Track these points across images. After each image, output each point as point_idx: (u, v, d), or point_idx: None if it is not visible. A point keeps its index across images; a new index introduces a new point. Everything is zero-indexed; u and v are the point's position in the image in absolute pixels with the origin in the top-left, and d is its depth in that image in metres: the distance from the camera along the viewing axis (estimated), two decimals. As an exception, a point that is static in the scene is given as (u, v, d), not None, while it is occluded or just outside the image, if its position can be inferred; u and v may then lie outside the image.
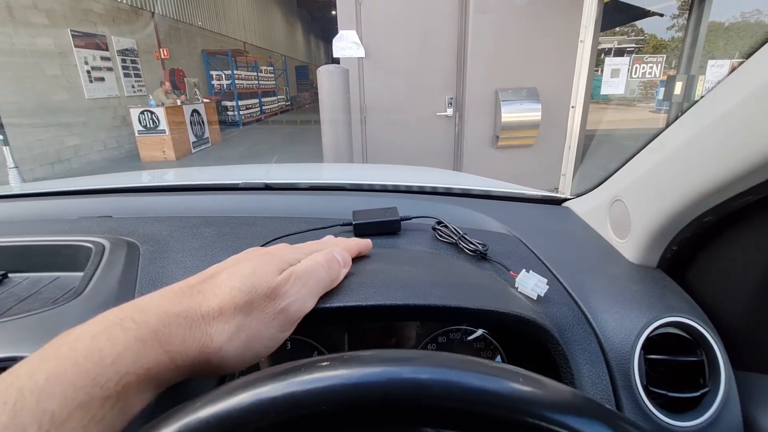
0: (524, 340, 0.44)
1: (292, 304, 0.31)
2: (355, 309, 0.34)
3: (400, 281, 0.38)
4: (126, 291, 0.44)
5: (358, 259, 0.44)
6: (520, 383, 0.20)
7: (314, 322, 0.33)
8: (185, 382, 0.32)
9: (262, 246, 0.51)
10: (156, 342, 0.25)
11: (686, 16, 4.35)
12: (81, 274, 0.47)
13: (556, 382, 0.22)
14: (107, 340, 0.23)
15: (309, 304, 0.33)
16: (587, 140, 4.02)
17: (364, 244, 0.45)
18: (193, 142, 8.12)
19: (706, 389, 0.41)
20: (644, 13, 6.17)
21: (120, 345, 0.23)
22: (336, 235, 0.57)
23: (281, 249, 0.37)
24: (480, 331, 0.49)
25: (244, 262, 0.33)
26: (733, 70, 0.38)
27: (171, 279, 0.47)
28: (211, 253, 0.52)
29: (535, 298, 0.45)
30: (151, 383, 0.24)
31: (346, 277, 0.38)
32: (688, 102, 3.89)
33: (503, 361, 0.50)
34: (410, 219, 0.59)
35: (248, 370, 0.47)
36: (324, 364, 0.21)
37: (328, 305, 0.34)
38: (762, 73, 0.33)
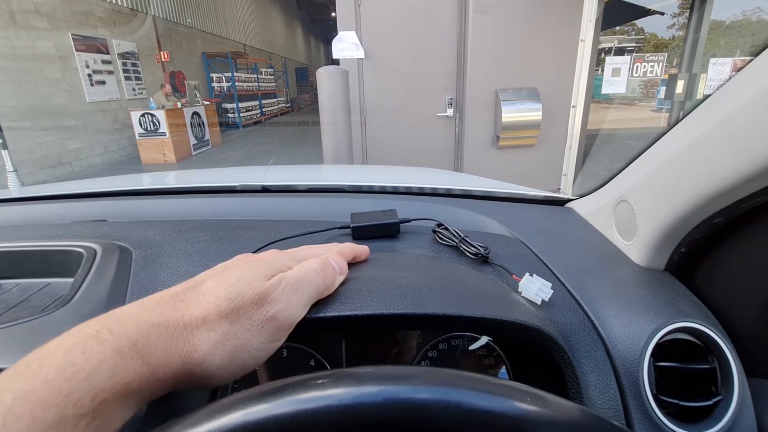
0: (529, 346, 0.43)
1: (281, 311, 0.29)
2: (351, 318, 0.33)
3: (398, 288, 0.37)
4: (116, 298, 0.43)
5: (354, 264, 0.43)
6: (527, 403, 0.19)
7: (307, 331, 0.31)
8: (178, 395, 0.31)
9: (255, 251, 0.49)
10: (135, 354, 0.23)
11: (687, 14, 4.34)
12: (72, 280, 0.46)
13: (564, 400, 0.20)
14: (81, 353, 0.22)
15: (300, 311, 0.31)
16: (589, 140, 4.00)
17: (360, 249, 0.43)
18: (193, 145, 8.12)
19: (719, 398, 0.39)
20: (645, 12, 6.15)
21: (95, 358, 0.22)
22: (334, 239, 0.56)
23: (272, 255, 0.35)
24: (485, 339, 0.48)
25: (231, 269, 0.31)
26: (736, 68, 0.36)
27: (163, 285, 0.46)
28: (205, 258, 0.50)
29: (539, 303, 0.43)
30: (130, 398, 0.23)
31: (341, 284, 0.37)
32: (690, 101, 3.87)
33: (507, 369, 0.48)
34: (410, 221, 0.58)
35: (245, 380, 0.45)
36: (318, 382, 0.20)
37: (322, 314, 0.33)
38: None
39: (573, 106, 3.43)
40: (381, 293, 0.36)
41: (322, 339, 0.47)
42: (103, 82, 7.55)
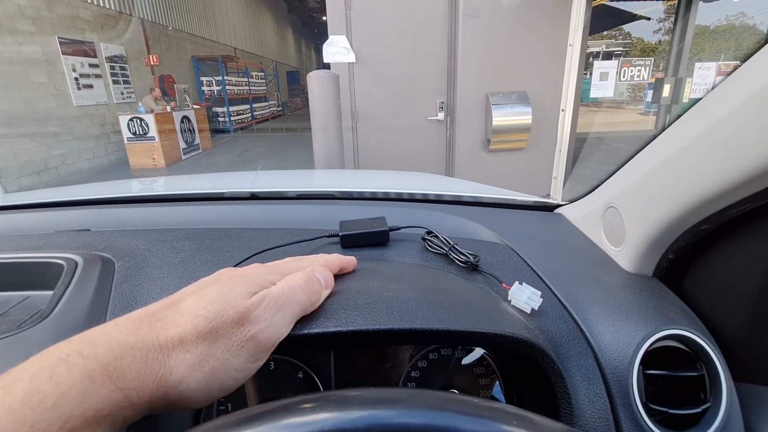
0: (520, 357, 0.42)
1: (263, 330, 0.28)
2: (335, 335, 0.32)
3: (385, 302, 0.36)
4: (97, 312, 0.42)
5: (341, 275, 0.42)
6: (513, 426, 0.18)
7: (290, 348, 0.31)
8: (159, 417, 0.30)
9: (239, 264, 0.48)
10: (107, 378, 0.22)
11: (672, 19, 4.42)
12: (52, 293, 0.45)
13: (552, 422, 0.20)
14: (49, 379, 0.21)
15: (284, 330, 0.30)
16: (578, 143, 4.05)
17: (347, 260, 0.42)
18: (183, 149, 8.04)
19: (708, 405, 0.39)
20: (631, 17, 6.26)
21: (63, 384, 0.21)
22: (322, 247, 0.55)
23: (255, 269, 0.34)
24: (480, 352, 0.47)
25: (211, 285, 0.30)
26: (720, 71, 0.36)
27: (146, 297, 0.45)
28: (190, 269, 0.49)
29: (528, 312, 0.43)
30: (102, 424, 0.22)
31: (327, 298, 0.36)
32: (676, 104, 3.93)
33: (500, 382, 0.48)
34: (399, 229, 0.57)
35: (232, 395, 0.44)
36: (300, 407, 0.19)
37: (305, 331, 0.32)
38: (761, 76, 0.32)
39: (562, 110, 3.46)
40: (367, 307, 0.35)
41: (310, 350, 0.46)
42: (90, 86, 7.45)
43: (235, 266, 0.46)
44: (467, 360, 0.47)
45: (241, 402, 0.45)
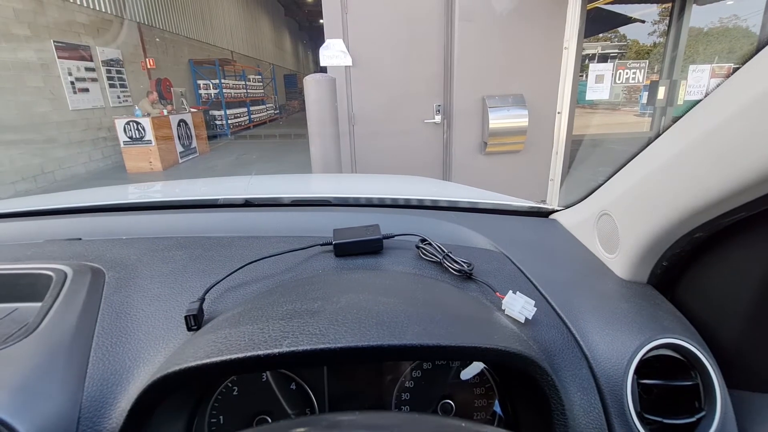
0: (514, 368, 0.42)
1: None
2: (324, 352, 0.32)
3: (375, 317, 0.35)
4: (86, 325, 0.41)
5: (331, 289, 0.41)
6: None
7: (279, 365, 0.30)
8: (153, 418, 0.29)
9: (230, 274, 0.47)
10: None
11: (666, 22, 4.45)
12: (40, 305, 0.44)
13: None
14: None
15: None
16: (574, 145, 4.06)
17: None
18: (180, 153, 8.02)
19: (702, 413, 0.39)
20: (626, 20, 6.30)
21: None
22: (315, 255, 0.55)
23: None
24: (480, 366, 0.47)
25: None
26: (714, 74, 0.36)
27: (136, 309, 0.44)
28: (182, 279, 0.49)
29: (522, 321, 0.43)
30: None
31: (317, 313, 0.35)
32: (671, 106, 3.95)
33: (497, 393, 0.47)
34: (393, 237, 0.57)
35: (230, 405, 0.44)
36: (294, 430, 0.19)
37: (293, 348, 0.31)
38: (757, 84, 0.31)
39: (558, 112, 3.47)
40: (356, 322, 0.34)
41: (300, 366, 0.45)
42: (86, 90, 7.42)
43: (226, 277, 0.46)
44: (466, 374, 0.47)
45: (234, 413, 0.44)
